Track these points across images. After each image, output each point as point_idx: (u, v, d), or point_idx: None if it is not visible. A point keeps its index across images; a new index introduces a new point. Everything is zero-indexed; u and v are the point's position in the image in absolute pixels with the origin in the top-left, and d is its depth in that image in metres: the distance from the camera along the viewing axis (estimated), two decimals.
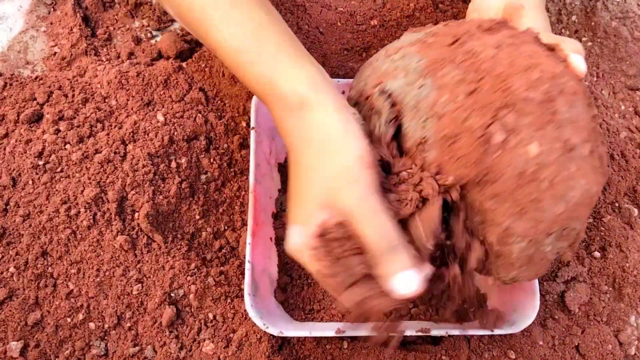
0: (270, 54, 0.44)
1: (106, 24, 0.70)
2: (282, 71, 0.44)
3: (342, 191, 0.40)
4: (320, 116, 0.42)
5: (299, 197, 0.43)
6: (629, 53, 0.72)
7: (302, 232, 0.41)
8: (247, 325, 0.53)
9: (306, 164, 0.42)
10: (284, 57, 0.44)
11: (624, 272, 0.60)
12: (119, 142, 0.57)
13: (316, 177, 0.41)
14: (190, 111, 0.61)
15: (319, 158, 0.41)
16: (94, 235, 0.54)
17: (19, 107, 0.60)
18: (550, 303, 0.58)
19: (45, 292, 0.53)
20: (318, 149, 0.41)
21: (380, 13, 0.70)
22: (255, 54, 0.44)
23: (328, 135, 0.41)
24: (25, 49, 0.68)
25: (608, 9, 0.75)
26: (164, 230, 0.56)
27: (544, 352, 0.56)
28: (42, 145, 0.57)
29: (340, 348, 0.54)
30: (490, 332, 0.50)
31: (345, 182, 0.40)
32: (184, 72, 0.65)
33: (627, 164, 0.65)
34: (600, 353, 0.56)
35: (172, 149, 0.58)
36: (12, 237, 0.54)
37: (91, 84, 0.62)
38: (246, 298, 0.49)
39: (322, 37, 0.69)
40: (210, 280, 0.55)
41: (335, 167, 0.41)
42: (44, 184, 0.55)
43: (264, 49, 0.45)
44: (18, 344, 0.51)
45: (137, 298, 0.53)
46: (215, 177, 0.60)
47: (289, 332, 0.49)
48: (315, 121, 0.42)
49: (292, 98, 0.43)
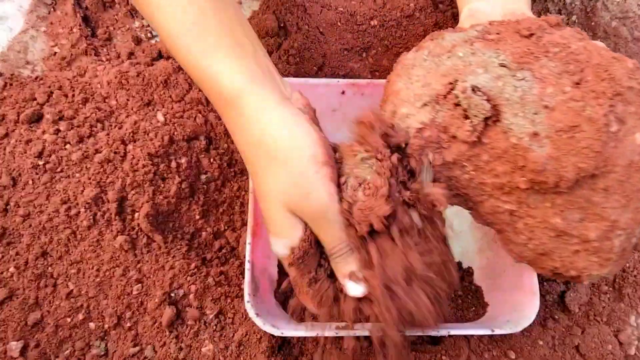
0: (209, 42, 0.42)
1: (106, 24, 0.70)
2: (219, 61, 0.41)
3: (303, 200, 0.41)
4: (263, 113, 0.41)
5: (265, 203, 0.43)
6: (629, 53, 0.72)
7: (282, 245, 0.43)
8: (247, 325, 0.53)
9: (261, 171, 0.42)
10: (223, 46, 0.42)
11: (624, 272, 0.60)
12: (119, 142, 0.57)
13: (274, 188, 0.41)
14: (190, 111, 0.61)
15: (272, 165, 0.41)
16: (94, 235, 0.54)
17: (19, 107, 0.60)
18: (550, 303, 0.58)
19: (45, 292, 0.53)
20: (269, 154, 0.41)
21: (380, 13, 0.70)
22: (193, 40, 0.41)
23: (275, 137, 0.40)
24: (25, 49, 0.68)
25: (608, 9, 0.75)
26: (164, 230, 0.56)
27: (544, 352, 0.56)
28: (42, 145, 0.57)
29: (340, 348, 0.54)
30: (490, 332, 0.50)
31: (304, 192, 0.40)
32: (184, 72, 0.65)
33: None
34: (600, 353, 0.56)
35: (172, 149, 0.58)
36: (12, 237, 0.54)
37: (91, 84, 0.62)
38: (246, 298, 0.49)
39: (322, 37, 0.69)
40: (210, 280, 0.55)
41: (290, 176, 0.40)
42: (44, 184, 0.55)
43: (203, 36, 0.42)
44: (18, 344, 0.51)
45: (137, 298, 0.53)
46: (215, 177, 0.60)
47: (289, 332, 0.49)
48: (258, 118, 0.41)
49: (229, 90, 0.41)
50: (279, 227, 0.42)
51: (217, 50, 0.41)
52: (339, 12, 0.71)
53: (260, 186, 0.43)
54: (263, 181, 0.42)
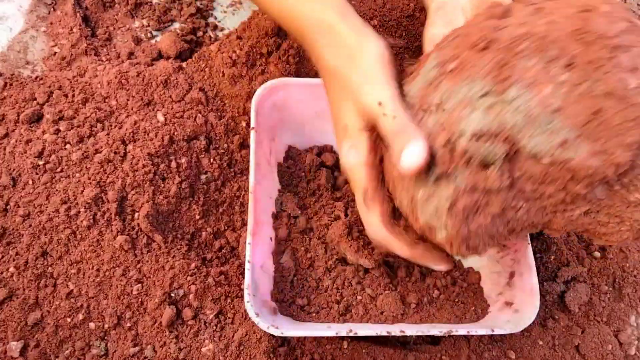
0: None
1: (106, 24, 0.70)
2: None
3: (364, 88, 0.43)
4: (346, 32, 0.45)
5: (340, 113, 0.45)
6: None
7: (357, 148, 0.44)
8: (247, 325, 0.53)
9: (340, 75, 0.45)
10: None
11: (624, 272, 0.60)
12: (119, 142, 0.57)
13: (348, 85, 0.44)
14: (190, 111, 0.61)
15: (348, 65, 0.45)
16: (94, 235, 0.54)
17: (19, 107, 0.60)
18: (550, 303, 0.58)
19: (45, 292, 0.53)
20: (349, 61, 0.45)
21: (380, 13, 0.70)
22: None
23: (352, 47, 0.45)
24: (25, 49, 0.68)
25: None
26: (164, 230, 0.56)
27: (544, 352, 0.56)
28: (42, 145, 0.57)
29: (340, 348, 0.54)
30: (490, 332, 0.50)
31: (367, 81, 0.43)
32: (184, 72, 0.65)
33: None
34: (600, 353, 0.56)
35: (172, 149, 0.58)
36: (12, 237, 0.54)
37: (91, 84, 0.62)
38: (246, 298, 0.49)
39: None
40: (210, 280, 0.55)
41: (361, 70, 0.44)
42: (44, 184, 0.55)
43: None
44: (18, 344, 0.51)
45: (137, 298, 0.53)
46: (215, 177, 0.60)
47: (289, 332, 0.49)
48: (341, 37, 0.45)
49: (321, 25, 0.46)
50: (350, 129, 0.44)
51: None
52: None
53: (336, 92, 0.46)
54: (341, 86, 0.45)
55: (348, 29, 0.45)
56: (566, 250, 0.60)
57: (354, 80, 0.44)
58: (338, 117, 0.46)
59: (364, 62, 0.44)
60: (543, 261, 0.59)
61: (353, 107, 0.44)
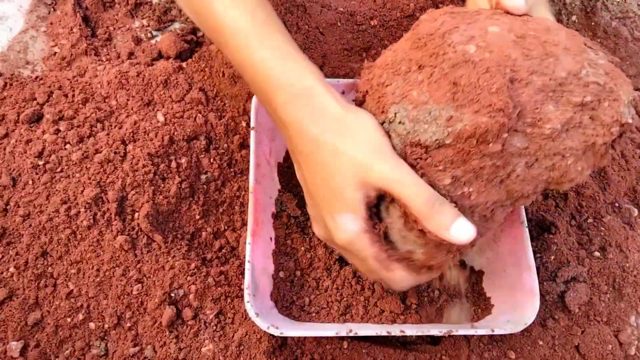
0: (277, 42, 0.45)
1: (106, 24, 0.70)
2: (290, 59, 0.45)
3: (375, 165, 0.41)
4: (328, 101, 0.43)
5: (332, 185, 0.43)
6: (629, 53, 0.72)
7: (355, 219, 0.43)
8: (247, 325, 0.53)
9: (329, 150, 0.43)
10: (291, 48, 0.45)
11: (624, 272, 0.60)
12: (119, 142, 0.57)
13: (345, 160, 0.42)
14: (190, 111, 0.61)
15: (341, 141, 0.42)
16: (94, 235, 0.54)
17: (19, 107, 0.60)
18: (550, 303, 0.58)
19: (45, 292, 0.53)
20: (338, 132, 0.43)
21: (380, 13, 0.70)
22: (260, 40, 0.45)
23: (340, 118, 0.43)
24: (25, 49, 0.68)
25: (608, 9, 0.75)
26: (164, 230, 0.56)
27: (544, 352, 0.56)
28: (42, 145, 0.57)
29: (340, 348, 0.54)
30: (490, 332, 0.50)
31: (375, 156, 0.42)
32: (184, 72, 0.65)
33: (627, 164, 0.65)
34: (600, 353, 0.56)
35: (172, 149, 0.58)
36: (12, 237, 0.54)
37: (91, 84, 0.62)
38: (246, 298, 0.49)
39: (322, 37, 0.69)
40: (210, 280, 0.55)
41: (362, 144, 0.42)
42: (44, 184, 0.55)
43: (271, 37, 0.45)
44: (18, 344, 0.51)
45: (137, 298, 0.53)
46: (215, 177, 0.60)
47: (289, 332, 0.49)
48: (325, 105, 0.43)
49: (298, 86, 0.44)
50: (349, 200, 0.43)
51: (288, 51, 0.45)
52: (339, 12, 0.71)
53: (327, 167, 0.43)
54: (333, 161, 0.43)
55: (332, 98, 0.44)
56: (566, 250, 0.60)
57: (355, 154, 0.42)
58: (327, 187, 0.44)
59: (363, 134, 0.42)
60: (543, 261, 0.59)
61: (353, 179, 0.42)
